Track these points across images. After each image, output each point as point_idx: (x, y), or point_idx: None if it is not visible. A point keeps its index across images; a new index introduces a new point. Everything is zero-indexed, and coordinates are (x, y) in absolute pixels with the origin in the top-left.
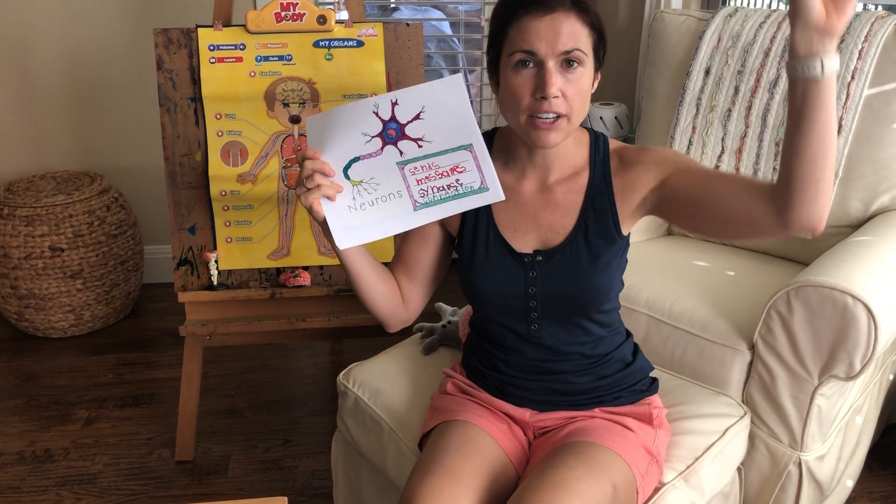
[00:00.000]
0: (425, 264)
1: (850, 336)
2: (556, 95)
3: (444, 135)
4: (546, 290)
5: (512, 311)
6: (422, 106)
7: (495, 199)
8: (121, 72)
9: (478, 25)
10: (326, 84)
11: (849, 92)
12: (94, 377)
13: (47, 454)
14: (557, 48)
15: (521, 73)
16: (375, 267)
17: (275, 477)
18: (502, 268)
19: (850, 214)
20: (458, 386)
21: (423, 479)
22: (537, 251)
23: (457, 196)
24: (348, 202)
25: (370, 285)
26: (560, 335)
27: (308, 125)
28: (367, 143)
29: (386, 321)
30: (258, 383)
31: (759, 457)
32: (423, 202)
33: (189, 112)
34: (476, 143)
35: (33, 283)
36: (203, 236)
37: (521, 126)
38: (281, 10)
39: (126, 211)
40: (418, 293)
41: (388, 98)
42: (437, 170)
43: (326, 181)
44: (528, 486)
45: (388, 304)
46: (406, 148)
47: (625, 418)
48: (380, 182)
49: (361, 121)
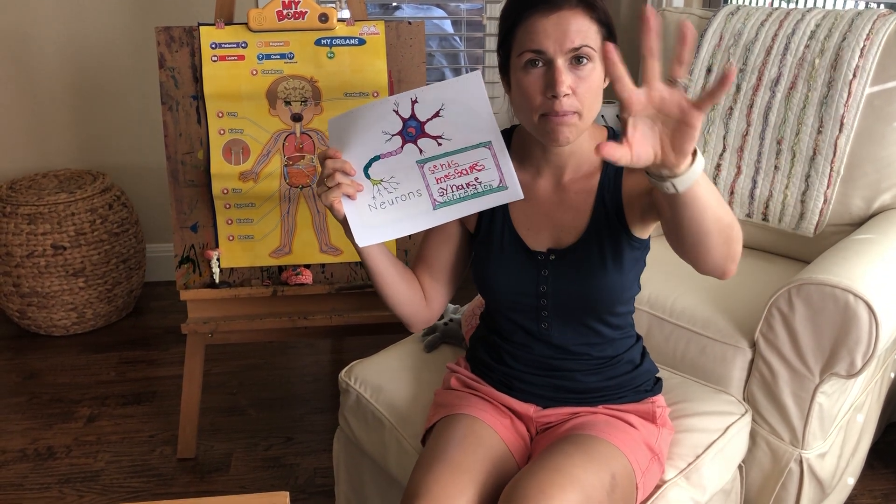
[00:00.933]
0: (447, 262)
1: (851, 334)
2: (566, 93)
3: (464, 132)
4: (557, 289)
5: (523, 308)
6: (441, 103)
7: (514, 197)
8: (123, 70)
9: (479, 24)
10: (328, 82)
11: (850, 90)
12: (96, 375)
13: (50, 452)
14: (566, 46)
15: (531, 73)
16: (397, 266)
17: (276, 474)
18: (515, 265)
19: (852, 212)
20: (461, 381)
21: (428, 471)
22: (550, 250)
23: (476, 195)
24: (368, 201)
25: (392, 285)
26: (569, 335)
27: (330, 126)
28: (387, 141)
29: (409, 321)
30: (260, 381)
31: (761, 454)
32: (442, 201)
33: (191, 110)
34: (495, 141)
35: (36, 281)
36: (205, 234)
37: (534, 125)
38: (283, 8)
39: (128, 209)
40: (441, 291)
41: (407, 96)
42: (457, 168)
43: (347, 180)
44: (525, 472)
45: (410, 303)
46: (426, 146)
47: (628, 415)
48: (399, 181)
49: (382, 119)
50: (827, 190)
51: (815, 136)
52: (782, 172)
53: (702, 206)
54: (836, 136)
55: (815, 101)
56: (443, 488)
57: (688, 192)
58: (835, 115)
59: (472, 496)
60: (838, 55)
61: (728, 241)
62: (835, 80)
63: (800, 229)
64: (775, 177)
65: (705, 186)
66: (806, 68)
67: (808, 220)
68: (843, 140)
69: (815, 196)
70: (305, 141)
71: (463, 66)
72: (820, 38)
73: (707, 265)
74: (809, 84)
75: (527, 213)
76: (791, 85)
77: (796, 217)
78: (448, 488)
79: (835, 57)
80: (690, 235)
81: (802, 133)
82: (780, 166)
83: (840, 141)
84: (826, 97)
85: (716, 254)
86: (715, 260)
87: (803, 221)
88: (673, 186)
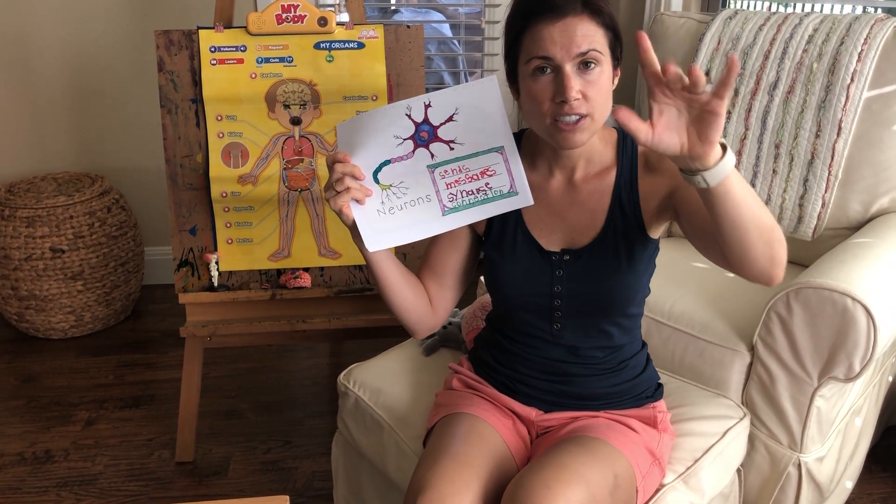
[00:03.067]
0: (454, 268)
1: (849, 337)
2: (576, 98)
3: (477, 137)
4: (571, 290)
5: (536, 308)
6: (455, 107)
7: (524, 203)
8: (122, 73)
9: (478, 27)
10: (327, 86)
11: (848, 94)
12: (94, 378)
13: (48, 455)
14: (573, 51)
15: (539, 80)
16: (403, 272)
17: (275, 478)
18: (530, 265)
19: (850, 216)
20: (463, 381)
21: (433, 466)
22: (565, 250)
23: (486, 200)
24: (377, 206)
25: (399, 292)
26: (581, 336)
27: (339, 129)
28: (398, 145)
29: (413, 328)
30: (258, 384)
31: (759, 458)
32: (451, 206)
33: (190, 113)
34: (507, 146)
35: (34, 284)
36: (204, 238)
37: (545, 130)
38: (282, 11)
39: (127, 212)
40: (447, 297)
41: (421, 101)
42: (468, 173)
43: (356, 185)
44: (530, 468)
45: (415, 310)
46: (437, 150)
47: (629, 419)
48: (409, 186)
49: (393, 123)
50: (825, 194)
51: (813, 140)
52: (780, 176)
53: (736, 201)
54: (834, 141)
55: (813, 105)
56: (449, 482)
57: (720, 187)
58: (833, 119)
59: (477, 490)
60: (836, 59)
61: (770, 243)
62: (832, 84)
63: (798, 233)
64: (773, 181)
65: (738, 184)
66: (804, 72)
67: (806, 224)
68: (841, 144)
69: (814, 200)
70: (304, 144)
71: (462, 70)
72: (818, 43)
73: (751, 268)
74: (807, 88)
75: (539, 214)
76: (789, 89)
77: (794, 221)
78: (454, 482)
79: (832, 61)
80: (728, 234)
81: (800, 137)
82: (779, 170)
83: (838, 145)
84: (824, 101)
85: (757, 254)
86: (758, 262)
87: (801, 225)
88: (704, 180)
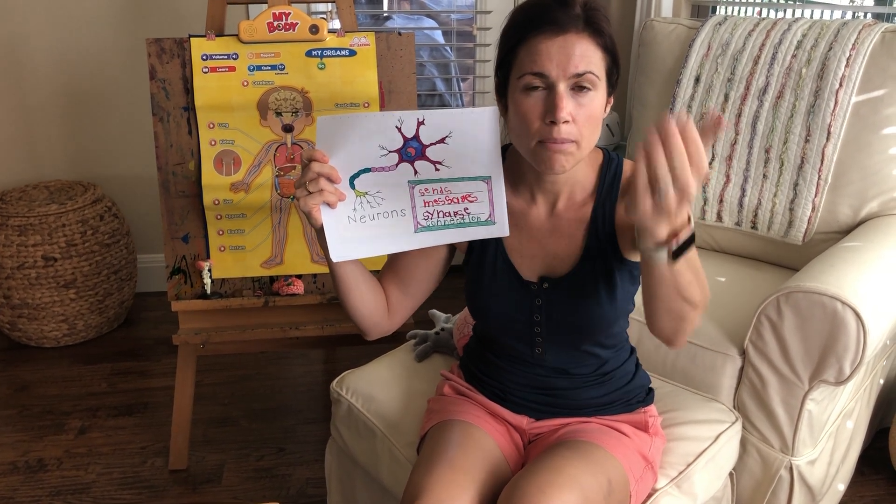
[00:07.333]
0: (421, 278)
1: (839, 341)
2: (566, 120)
3: (465, 163)
4: (551, 318)
5: (517, 333)
6: (449, 130)
7: (500, 234)
8: (114, 81)
9: (470, 34)
10: (319, 93)
11: (837, 99)
12: (87, 386)
13: (40, 464)
14: (569, 70)
15: (531, 97)
16: (365, 276)
17: (269, 485)
18: (508, 292)
19: (840, 220)
20: (455, 388)
21: (428, 471)
22: (543, 278)
23: (461, 224)
24: (349, 212)
25: (358, 296)
26: (564, 359)
27: (319, 124)
28: (382, 156)
29: (367, 331)
30: (252, 391)
31: (751, 462)
32: (425, 225)
33: (182, 121)
34: (495, 178)
35: (26, 292)
36: (196, 245)
37: (529, 151)
38: (273, 19)
39: (119, 220)
40: (406, 305)
41: (414, 116)
42: (448, 195)
43: (330, 187)
44: (524, 472)
45: (371, 315)
46: (422, 168)
47: (621, 424)
48: (385, 197)
49: (381, 133)
50: (815, 198)
51: (803, 144)
52: (770, 181)
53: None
54: (824, 145)
55: (803, 110)
56: (444, 488)
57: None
58: (822, 123)
59: (472, 495)
60: (825, 65)
61: (680, 321)
62: (821, 89)
63: (788, 237)
64: (764, 185)
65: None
66: (793, 78)
67: (796, 228)
68: (831, 149)
69: (804, 204)
70: (296, 151)
71: (454, 77)
72: (806, 48)
73: (654, 328)
74: (797, 93)
75: (520, 240)
76: (778, 94)
77: (785, 225)
78: (450, 488)
79: (821, 66)
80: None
81: (790, 142)
82: (769, 175)
83: (827, 149)
84: (813, 106)
85: (663, 324)
86: (663, 330)
87: (792, 229)
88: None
